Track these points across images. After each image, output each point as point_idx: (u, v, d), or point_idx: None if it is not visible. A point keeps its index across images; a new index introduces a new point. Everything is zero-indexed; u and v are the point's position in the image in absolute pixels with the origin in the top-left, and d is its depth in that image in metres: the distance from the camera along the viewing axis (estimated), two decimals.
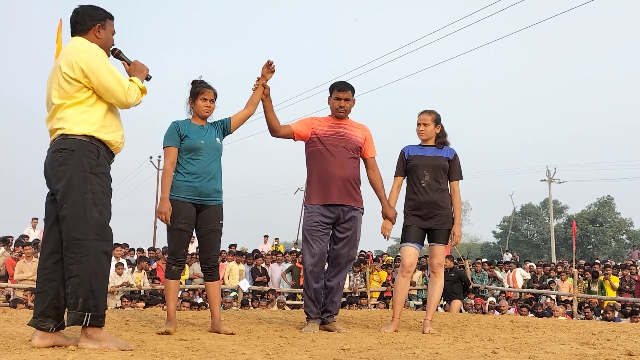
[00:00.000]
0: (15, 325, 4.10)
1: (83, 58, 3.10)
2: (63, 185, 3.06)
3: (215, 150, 4.13)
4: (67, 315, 3.03)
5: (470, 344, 3.70)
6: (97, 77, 3.11)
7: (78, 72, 3.09)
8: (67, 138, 3.10)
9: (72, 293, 2.99)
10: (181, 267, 4.13)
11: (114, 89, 3.13)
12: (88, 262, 3.00)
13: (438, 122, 4.75)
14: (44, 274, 3.14)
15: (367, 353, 3.17)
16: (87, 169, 3.09)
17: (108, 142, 3.22)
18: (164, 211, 3.91)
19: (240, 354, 3.05)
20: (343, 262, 4.46)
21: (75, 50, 3.15)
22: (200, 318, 5.04)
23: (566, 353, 3.28)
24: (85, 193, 3.06)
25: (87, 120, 3.13)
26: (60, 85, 3.12)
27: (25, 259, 10.18)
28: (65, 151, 3.08)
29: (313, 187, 4.45)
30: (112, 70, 3.15)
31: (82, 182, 3.06)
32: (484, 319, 5.69)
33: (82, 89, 3.13)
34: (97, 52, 3.18)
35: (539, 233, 54.90)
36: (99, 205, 3.09)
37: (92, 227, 3.04)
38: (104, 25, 3.31)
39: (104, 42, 3.31)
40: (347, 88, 4.51)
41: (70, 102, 3.12)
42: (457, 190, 4.72)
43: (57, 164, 3.09)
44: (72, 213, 3.03)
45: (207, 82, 4.22)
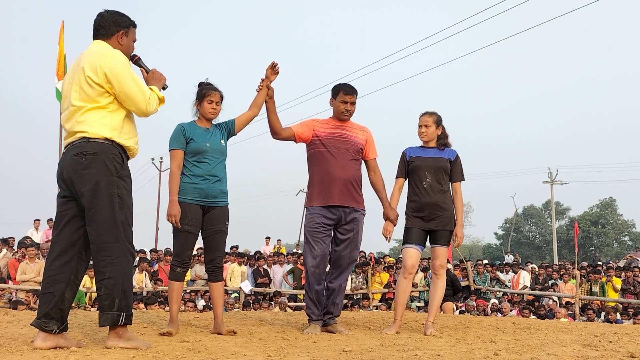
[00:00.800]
0: (17, 326, 4.10)
1: (107, 64, 3.14)
2: (90, 189, 3.09)
3: (221, 152, 4.14)
4: (102, 316, 3.08)
5: (472, 345, 3.69)
6: (120, 84, 3.14)
7: (101, 77, 3.12)
8: (90, 141, 3.13)
9: (107, 294, 3.05)
10: (186, 269, 4.14)
11: (135, 97, 3.18)
12: (120, 264, 3.08)
13: (439, 123, 4.75)
14: (51, 275, 3.15)
15: (369, 355, 3.17)
16: (113, 172, 3.14)
17: (126, 147, 3.26)
18: (173, 214, 3.91)
19: (242, 355, 3.06)
20: (345, 263, 4.45)
21: (100, 55, 3.18)
22: (202, 319, 5.03)
23: (568, 355, 3.27)
24: (112, 196, 3.11)
25: (108, 125, 3.17)
26: (82, 88, 3.15)
27: (27, 261, 10.18)
28: (90, 155, 3.11)
29: (314, 188, 4.45)
30: (135, 79, 3.20)
31: (109, 185, 3.11)
32: (486, 321, 5.68)
33: (104, 94, 3.16)
34: (121, 59, 3.22)
35: (541, 235, 54.82)
36: (124, 208, 3.16)
37: (120, 230, 3.11)
38: (127, 32, 3.36)
39: (125, 49, 3.35)
40: (354, 92, 4.52)
41: (91, 106, 3.15)
42: (459, 192, 4.72)
43: (81, 167, 3.11)
44: (102, 216, 3.08)
45: (214, 85, 4.22)
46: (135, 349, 3.07)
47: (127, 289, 3.12)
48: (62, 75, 10.30)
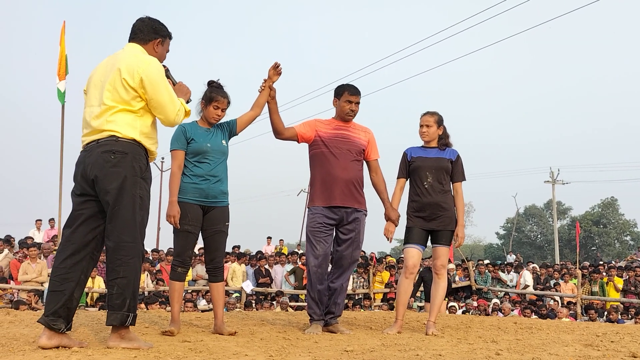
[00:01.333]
0: (19, 326, 4.10)
1: (145, 69, 3.17)
2: (116, 187, 3.11)
3: (222, 153, 4.14)
4: (111, 315, 3.08)
5: (473, 345, 3.69)
6: (154, 91, 3.19)
7: (137, 82, 3.16)
8: (119, 140, 3.15)
9: (119, 294, 3.07)
10: (187, 269, 4.14)
11: (166, 106, 3.23)
12: (134, 264, 3.10)
13: (440, 123, 4.75)
14: (61, 274, 3.13)
15: (370, 355, 3.16)
16: (138, 173, 3.17)
17: (149, 150, 3.30)
18: (172, 214, 3.91)
19: (243, 355, 3.06)
20: (346, 263, 4.46)
21: (138, 59, 3.22)
22: (203, 319, 5.04)
23: (570, 355, 3.27)
24: (135, 197, 3.14)
25: (137, 128, 3.21)
26: (115, 88, 3.17)
27: (29, 261, 10.19)
28: (119, 153, 3.13)
29: (317, 189, 4.46)
30: (168, 89, 3.24)
31: (134, 185, 3.14)
32: (488, 321, 5.68)
33: (136, 98, 3.19)
34: (158, 67, 3.26)
35: (543, 234, 54.80)
36: (143, 209, 3.19)
37: (138, 230, 3.14)
38: (163, 42, 3.43)
39: (159, 58, 3.40)
40: (358, 92, 4.55)
41: (122, 108, 3.18)
42: (460, 192, 4.72)
43: (109, 164, 3.12)
44: (124, 216, 3.11)
45: (224, 89, 4.20)
46: (137, 349, 3.07)
47: (136, 290, 3.14)
48: (63, 75, 10.30)
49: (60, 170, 10.14)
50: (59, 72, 10.29)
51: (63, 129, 10.27)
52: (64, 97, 10.23)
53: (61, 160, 10.18)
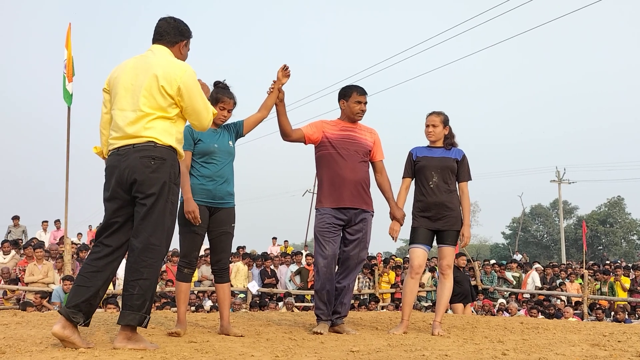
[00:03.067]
0: (26, 327, 4.12)
1: (182, 78, 3.20)
2: (155, 192, 3.15)
3: (229, 153, 4.14)
4: (129, 315, 3.09)
5: (479, 345, 3.69)
6: (190, 99, 3.23)
7: (175, 90, 3.19)
8: (157, 146, 3.18)
9: (140, 295, 3.09)
10: (193, 270, 4.14)
11: (201, 113, 3.29)
12: (157, 268, 3.15)
13: (446, 123, 4.75)
14: (92, 271, 3.16)
15: (376, 355, 3.17)
16: (173, 179, 3.22)
17: (179, 155, 3.35)
18: (191, 209, 3.87)
19: (249, 356, 3.06)
20: (353, 264, 4.46)
21: (174, 66, 3.24)
22: (209, 320, 5.05)
23: (577, 355, 3.26)
24: (168, 202, 3.19)
25: (173, 135, 3.25)
26: (152, 95, 3.18)
27: (36, 262, 10.22)
28: (158, 159, 3.17)
29: (325, 190, 4.46)
30: (202, 95, 3.29)
31: (169, 191, 3.19)
32: (494, 321, 5.66)
33: (172, 105, 3.23)
34: (194, 75, 3.30)
35: (549, 234, 54.66)
36: (173, 215, 3.24)
37: (165, 235, 3.18)
38: (187, 43, 3.45)
39: (183, 59, 3.43)
40: (366, 92, 4.57)
41: (160, 115, 3.21)
42: (466, 192, 4.71)
43: (149, 170, 3.15)
44: (156, 219, 3.14)
45: (230, 89, 4.21)
46: (143, 350, 3.08)
47: (154, 294, 3.21)
48: (71, 77, 10.33)
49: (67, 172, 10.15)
50: (68, 74, 10.32)
51: (69, 131, 10.29)
52: (71, 98, 10.26)
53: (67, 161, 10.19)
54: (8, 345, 3.14)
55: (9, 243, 11.28)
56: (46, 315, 5.12)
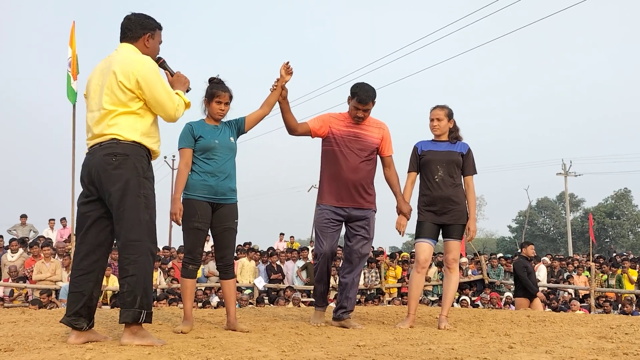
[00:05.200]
0: (35, 325, 4.14)
1: (140, 70, 3.20)
2: (119, 188, 3.15)
3: (230, 149, 4.15)
4: (124, 313, 3.13)
5: (486, 339, 3.68)
6: (150, 91, 3.21)
7: (133, 83, 3.19)
8: (120, 143, 3.19)
9: (130, 292, 3.10)
10: (197, 266, 4.15)
11: (165, 103, 3.25)
12: (142, 262, 3.13)
13: (451, 116, 4.73)
14: (79, 275, 3.23)
15: (383, 349, 3.17)
16: (141, 173, 3.21)
17: (151, 150, 3.33)
18: (174, 212, 3.90)
19: (256, 351, 3.07)
20: (356, 258, 4.47)
21: (132, 60, 3.24)
22: (216, 316, 5.06)
23: (584, 347, 3.25)
24: (139, 197, 3.17)
25: (138, 130, 3.24)
26: (113, 92, 3.20)
27: (43, 260, 10.28)
28: (120, 155, 3.17)
29: (325, 187, 4.49)
30: (164, 86, 3.26)
31: (137, 186, 3.17)
32: (500, 314, 5.66)
33: (134, 99, 3.22)
34: (152, 65, 3.29)
35: (556, 227, 54.50)
36: (149, 208, 3.22)
37: (145, 229, 3.17)
38: (153, 35, 3.42)
39: (152, 52, 3.41)
40: (369, 100, 4.43)
41: (122, 110, 3.21)
42: (472, 185, 4.70)
43: (111, 167, 3.17)
44: (129, 216, 3.14)
45: (224, 83, 4.21)
46: (150, 346, 3.10)
47: (148, 288, 3.16)
48: (76, 75, 10.36)
49: (73, 170, 10.18)
50: (73, 72, 10.34)
51: (74, 129, 10.31)
52: (76, 96, 10.29)
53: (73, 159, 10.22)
54: (16, 343, 3.16)
55: (17, 242, 11.34)
56: (54, 313, 5.15)
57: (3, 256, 10.94)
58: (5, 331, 3.72)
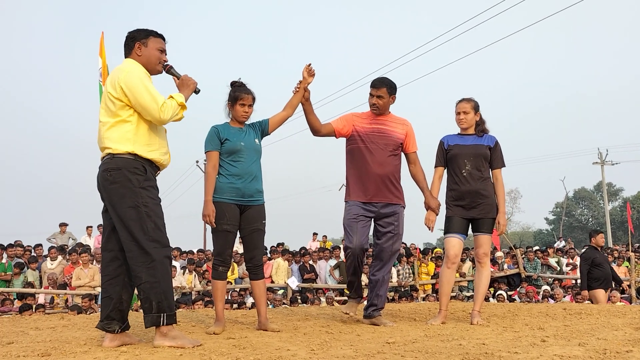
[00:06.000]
0: (72, 330, 4.24)
1: (123, 78, 3.27)
2: (116, 202, 3.25)
3: (255, 151, 4.19)
4: (145, 318, 3.24)
5: (519, 333, 3.64)
6: (133, 95, 3.26)
7: (119, 92, 3.26)
8: (114, 157, 3.28)
9: (145, 298, 3.20)
10: (227, 268, 4.20)
11: (148, 106, 3.27)
12: (153, 268, 3.20)
13: (477, 109, 4.68)
14: (107, 280, 3.37)
15: (412, 346, 3.15)
16: (136, 184, 3.26)
17: (152, 159, 3.38)
18: (207, 213, 3.99)
19: (285, 350, 3.09)
20: (386, 256, 4.45)
21: (118, 71, 3.34)
22: (249, 317, 5.11)
23: (619, 339, 3.19)
24: (138, 207, 3.23)
25: (131, 139, 3.29)
26: (106, 104, 3.32)
27: (82, 266, 10.52)
28: (114, 170, 3.26)
29: (352, 185, 4.48)
30: (148, 88, 3.28)
31: (134, 197, 3.24)
32: (536, 308, 5.57)
33: (124, 107, 3.29)
34: (136, 72, 3.32)
35: (594, 217, 53.35)
36: (152, 216, 3.27)
37: (151, 236, 3.23)
38: (145, 42, 3.46)
39: (146, 59, 3.45)
40: (381, 85, 4.46)
41: (115, 121, 3.29)
42: (500, 179, 4.64)
43: (108, 182, 3.27)
44: (131, 227, 3.22)
45: (246, 86, 4.25)
46: (181, 347, 3.15)
47: (166, 291, 3.23)
48: None
49: None
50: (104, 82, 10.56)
51: None
52: None
53: None
54: (53, 348, 3.24)
55: (56, 249, 11.62)
56: (91, 318, 5.26)
57: (43, 264, 11.22)
58: (44, 337, 3.82)
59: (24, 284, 10.57)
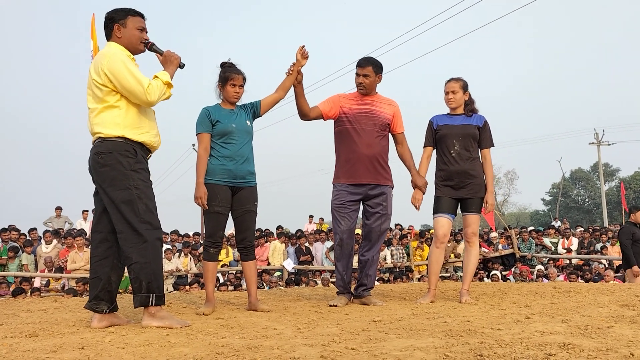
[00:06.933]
0: (63, 312, 4.27)
1: (106, 64, 3.26)
2: (108, 185, 3.27)
3: (247, 133, 4.18)
4: (134, 298, 3.27)
5: (505, 311, 3.67)
6: (118, 80, 3.25)
7: (104, 78, 3.26)
8: (105, 141, 3.29)
9: (135, 278, 3.23)
10: (218, 250, 4.22)
11: (134, 89, 3.26)
12: (144, 249, 3.22)
13: (466, 89, 4.67)
14: (96, 261, 3.40)
15: (398, 324, 3.18)
16: (127, 167, 3.28)
17: (142, 142, 3.38)
18: (199, 195, 3.99)
19: (272, 329, 3.12)
20: (375, 236, 4.47)
21: (101, 56, 3.33)
22: (240, 298, 5.14)
23: (603, 315, 3.22)
24: (129, 189, 3.25)
25: (120, 123, 3.30)
26: (92, 90, 3.32)
27: (77, 250, 10.55)
28: (105, 153, 3.27)
29: (341, 166, 4.47)
30: (131, 72, 3.27)
31: (125, 180, 3.26)
32: (526, 287, 5.61)
33: (110, 92, 3.29)
34: (118, 56, 3.30)
35: (591, 198, 53.51)
36: (143, 198, 3.28)
37: (143, 218, 3.25)
38: (123, 23, 3.43)
39: (127, 40, 3.43)
40: (367, 64, 4.46)
41: (102, 107, 3.30)
42: (489, 158, 4.64)
43: (99, 165, 3.29)
44: (122, 209, 3.24)
45: (236, 66, 4.23)
46: (169, 327, 3.18)
47: (156, 272, 3.25)
48: None
49: None
50: None
51: None
52: None
53: None
54: (42, 329, 3.27)
55: (50, 233, 11.64)
56: (84, 300, 5.28)
57: (38, 248, 11.26)
58: (34, 318, 3.85)
59: (18, 267, 10.61)
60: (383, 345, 2.53)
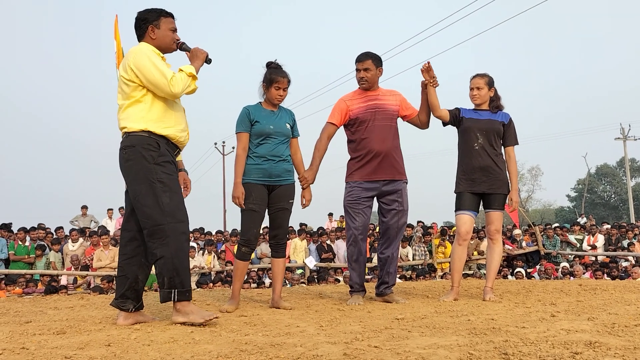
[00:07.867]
0: (90, 309, 4.34)
1: (132, 59, 3.31)
2: (132, 179, 3.31)
3: (284, 135, 4.18)
4: (159, 294, 3.31)
5: (530, 308, 3.63)
6: (143, 74, 3.29)
7: (130, 73, 3.31)
8: (129, 135, 3.33)
9: (159, 274, 3.26)
10: (251, 249, 4.18)
11: (158, 81, 3.29)
12: (169, 244, 3.24)
13: (491, 85, 4.63)
14: (124, 259, 3.44)
15: (421, 321, 3.17)
16: (150, 160, 3.29)
17: (167, 136, 3.39)
18: (237, 195, 4.02)
19: (295, 326, 3.13)
20: (393, 232, 4.45)
21: (129, 53, 3.39)
22: (264, 295, 5.16)
23: (630, 314, 3.17)
24: (153, 182, 3.27)
25: (145, 117, 3.33)
26: (121, 88, 3.38)
27: (102, 248, 10.70)
28: (128, 148, 3.31)
29: (354, 164, 4.46)
30: (156, 65, 3.30)
31: (149, 173, 3.28)
32: (552, 284, 5.55)
33: (137, 88, 3.33)
34: (145, 51, 3.35)
35: (617, 194, 52.60)
36: (167, 191, 3.30)
37: (167, 212, 3.26)
38: (157, 24, 3.48)
39: (160, 41, 3.48)
40: (366, 57, 4.44)
41: (129, 102, 3.35)
42: (513, 156, 4.60)
43: (123, 160, 3.34)
44: (147, 204, 3.26)
45: (282, 68, 4.22)
46: (192, 322, 3.20)
47: (179, 267, 3.24)
48: None
49: None
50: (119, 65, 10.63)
51: None
52: None
53: None
54: (69, 326, 3.32)
55: (77, 231, 11.82)
56: (110, 298, 5.36)
57: (65, 246, 11.44)
58: (61, 316, 3.91)
59: (46, 265, 10.79)
60: (406, 343, 2.52)
